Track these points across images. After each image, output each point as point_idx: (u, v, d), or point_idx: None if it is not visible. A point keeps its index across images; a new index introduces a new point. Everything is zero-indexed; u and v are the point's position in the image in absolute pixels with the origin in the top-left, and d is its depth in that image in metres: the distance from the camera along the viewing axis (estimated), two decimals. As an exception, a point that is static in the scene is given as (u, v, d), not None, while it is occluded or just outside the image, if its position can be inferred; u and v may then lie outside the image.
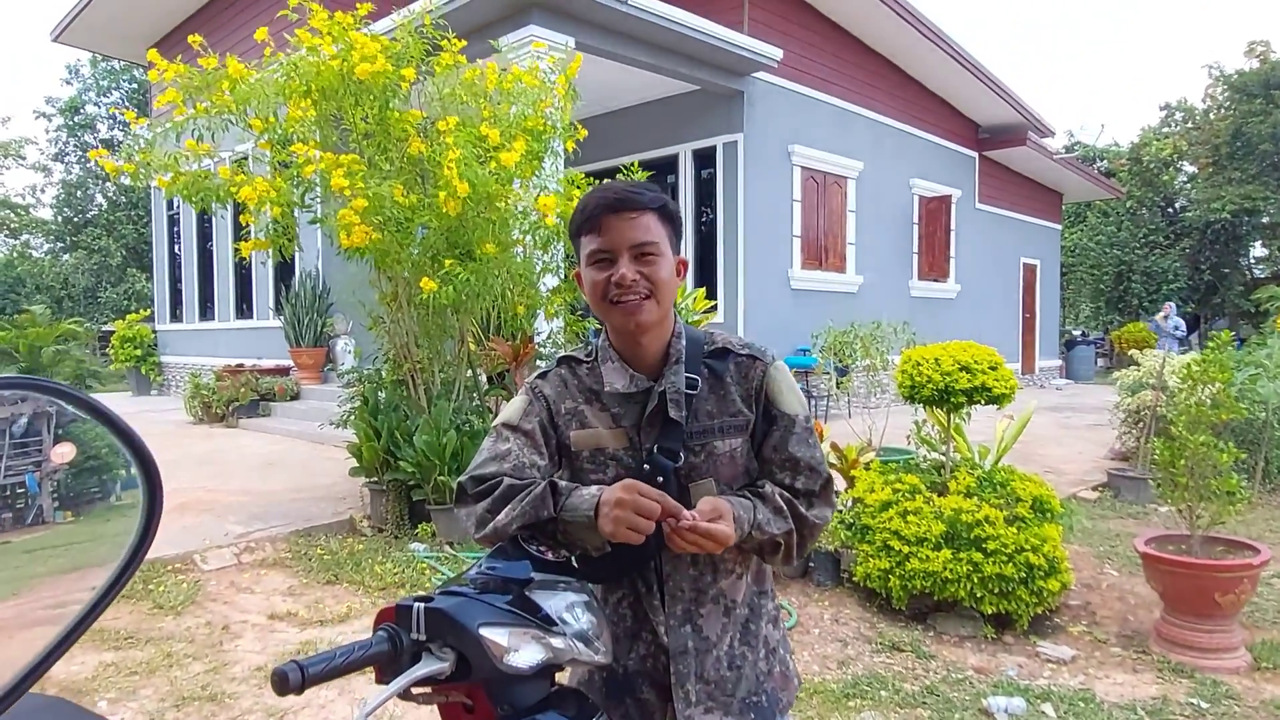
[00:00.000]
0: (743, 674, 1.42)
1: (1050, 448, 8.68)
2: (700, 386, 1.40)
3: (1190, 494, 3.88)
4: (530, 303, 6.08)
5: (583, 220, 1.37)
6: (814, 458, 1.40)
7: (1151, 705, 3.34)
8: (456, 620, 1.13)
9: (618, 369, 1.41)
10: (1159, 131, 25.27)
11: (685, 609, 1.40)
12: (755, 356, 1.43)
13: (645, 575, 1.40)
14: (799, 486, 1.39)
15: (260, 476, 7.23)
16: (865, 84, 12.29)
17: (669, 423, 1.38)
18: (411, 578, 4.77)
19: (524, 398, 1.45)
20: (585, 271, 1.38)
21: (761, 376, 1.41)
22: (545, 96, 5.81)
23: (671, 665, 1.38)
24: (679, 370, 1.40)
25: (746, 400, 1.41)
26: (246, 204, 5.52)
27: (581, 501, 1.28)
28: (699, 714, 1.38)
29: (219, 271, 13.42)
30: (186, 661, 3.78)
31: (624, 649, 1.41)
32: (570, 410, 1.43)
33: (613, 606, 1.42)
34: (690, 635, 1.39)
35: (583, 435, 1.41)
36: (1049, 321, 18.11)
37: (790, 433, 1.40)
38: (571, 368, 1.47)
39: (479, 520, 1.35)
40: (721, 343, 1.44)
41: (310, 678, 1.05)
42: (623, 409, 1.41)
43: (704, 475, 1.38)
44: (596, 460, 1.41)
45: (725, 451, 1.39)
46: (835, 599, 4.52)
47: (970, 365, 4.26)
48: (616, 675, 1.42)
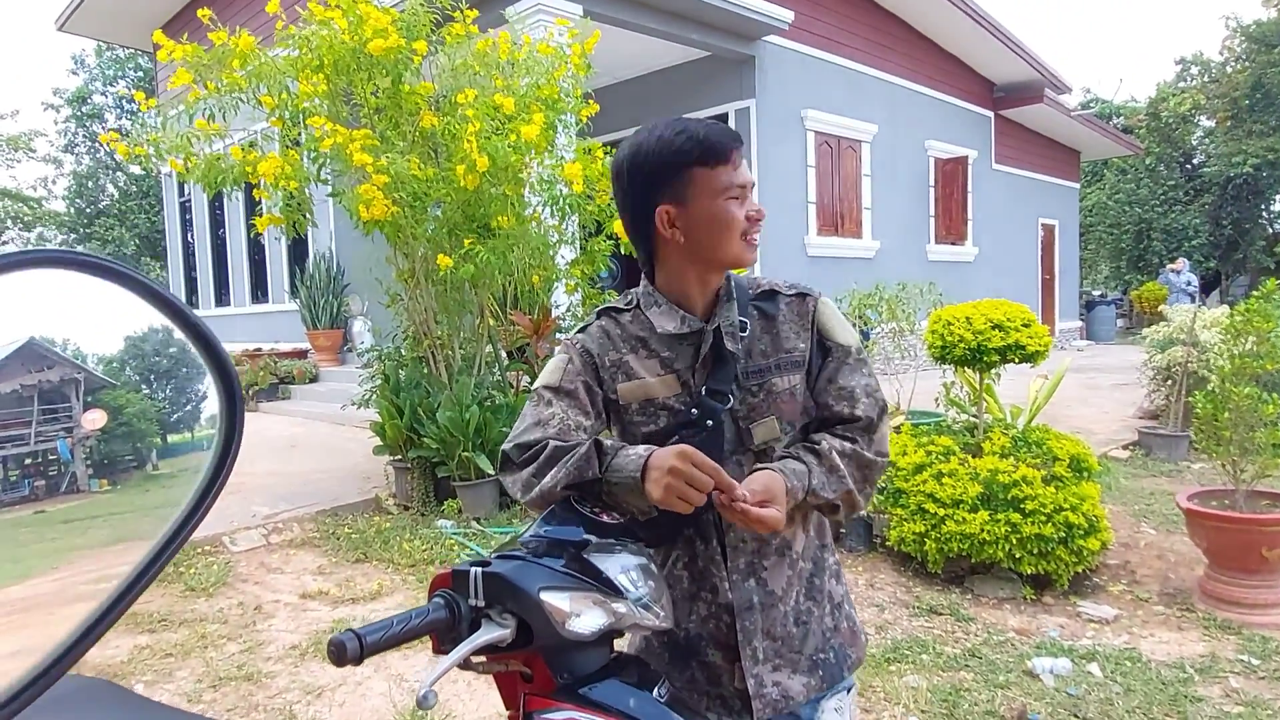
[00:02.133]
0: (809, 630, 1.38)
1: (1078, 408, 8.58)
2: (751, 326, 1.36)
3: (1234, 448, 3.78)
4: (547, 274, 6.00)
5: (712, 151, 1.27)
6: (869, 385, 1.38)
7: (1200, 663, 3.28)
8: (516, 584, 1.08)
9: (667, 311, 1.36)
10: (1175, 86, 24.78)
11: (749, 562, 1.35)
12: (804, 293, 1.42)
13: (703, 530, 1.34)
14: (858, 413, 1.35)
15: (284, 458, 7.24)
16: (878, 44, 12.06)
17: (720, 363, 1.33)
18: (440, 554, 4.75)
19: (562, 356, 1.39)
20: (720, 205, 1.29)
21: (813, 311, 1.40)
22: (559, 67, 5.70)
23: (737, 622, 1.33)
24: (731, 306, 1.36)
25: (801, 335, 1.38)
26: (264, 180, 5.46)
27: (627, 462, 1.22)
28: (767, 672, 1.34)
29: (233, 257, 13.41)
30: (221, 642, 3.78)
31: (683, 611, 1.35)
32: (615, 362, 1.37)
33: (669, 568, 1.36)
34: (755, 589, 1.35)
35: (630, 387, 1.36)
36: (1068, 282, 17.89)
37: (844, 363, 1.38)
38: (613, 317, 1.41)
39: (524, 485, 1.31)
40: (768, 285, 1.42)
41: (369, 646, 0.99)
42: (674, 352, 1.36)
43: (765, 415, 1.34)
44: (647, 411, 1.35)
45: (785, 389, 1.36)
46: (869, 564, 4.47)
47: (1003, 323, 4.16)
48: (678, 640, 1.36)
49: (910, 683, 3.17)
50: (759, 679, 1.33)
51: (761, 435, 1.34)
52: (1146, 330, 7.73)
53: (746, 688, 1.32)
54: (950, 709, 2.97)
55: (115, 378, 1.10)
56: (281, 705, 3.21)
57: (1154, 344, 7.17)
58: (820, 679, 1.37)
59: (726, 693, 1.34)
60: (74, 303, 0.84)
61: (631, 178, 1.31)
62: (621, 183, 1.34)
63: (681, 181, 1.28)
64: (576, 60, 5.73)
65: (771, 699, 1.33)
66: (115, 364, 1.10)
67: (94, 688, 1.30)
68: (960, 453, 4.25)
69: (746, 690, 1.32)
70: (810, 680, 1.36)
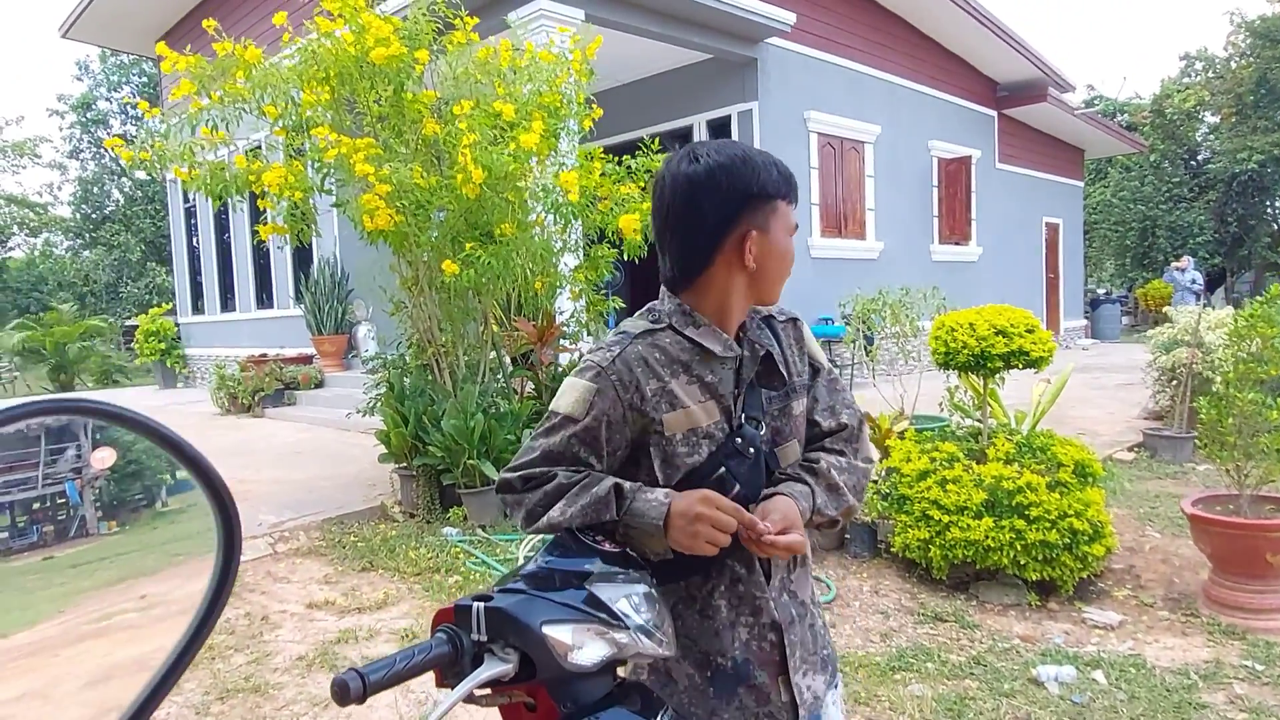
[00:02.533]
0: (817, 630, 1.44)
1: (1082, 409, 8.57)
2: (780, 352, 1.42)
3: (1238, 452, 3.78)
4: (550, 280, 6.02)
5: (788, 186, 1.34)
6: (848, 399, 1.48)
7: (1205, 669, 3.28)
8: (518, 619, 1.09)
9: (709, 332, 1.35)
10: (1180, 82, 24.69)
11: (781, 579, 1.39)
12: (794, 318, 1.49)
13: (743, 557, 1.34)
14: (845, 421, 1.44)
15: (290, 465, 7.26)
16: (880, 45, 12.05)
17: (750, 391, 1.36)
18: (446, 562, 4.77)
19: (589, 385, 1.31)
20: (779, 238, 1.34)
21: (802, 335, 1.47)
22: (560, 73, 5.71)
23: (785, 637, 1.36)
24: (765, 332, 1.41)
25: (801, 360, 1.45)
26: (268, 190, 5.48)
27: (649, 508, 1.23)
28: (803, 680, 1.38)
29: (238, 262, 13.45)
30: (228, 653, 3.80)
31: (726, 641, 1.35)
32: (657, 391, 1.30)
33: (703, 601, 1.36)
34: (790, 603, 1.39)
35: (676, 417, 1.31)
36: (1073, 281, 17.85)
37: (827, 382, 1.47)
38: (651, 342, 1.34)
39: (529, 514, 1.31)
40: (764, 311, 1.45)
41: (372, 685, 1.00)
42: (717, 376, 1.34)
43: (788, 439, 1.38)
44: (690, 442, 1.32)
45: (799, 413, 1.41)
46: (873, 571, 4.48)
47: (1006, 329, 4.16)
48: (724, 670, 1.36)
49: (915, 691, 3.18)
50: (798, 686, 1.37)
51: (786, 459, 1.38)
52: (1151, 331, 7.71)
53: (794, 698, 1.36)
54: (956, 718, 2.98)
55: (125, 416, 1.11)
56: (289, 717, 3.23)
57: (1158, 345, 7.15)
58: (829, 675, 1.44)
59: (775, 708, 1.36)
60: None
61: (727, 190, 1.29)
62: (707, 190, 1.29)
63: (770, 210, 1.32)
64: (578, 66, 5.74)
65: (809, 702, 1.38)
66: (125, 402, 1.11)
67: None
68: (964, 459, 4.25)
69: (793, 700, 1.36)
70: (824, 677, 1.42)
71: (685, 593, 1.35)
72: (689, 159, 1.31)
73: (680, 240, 1.33)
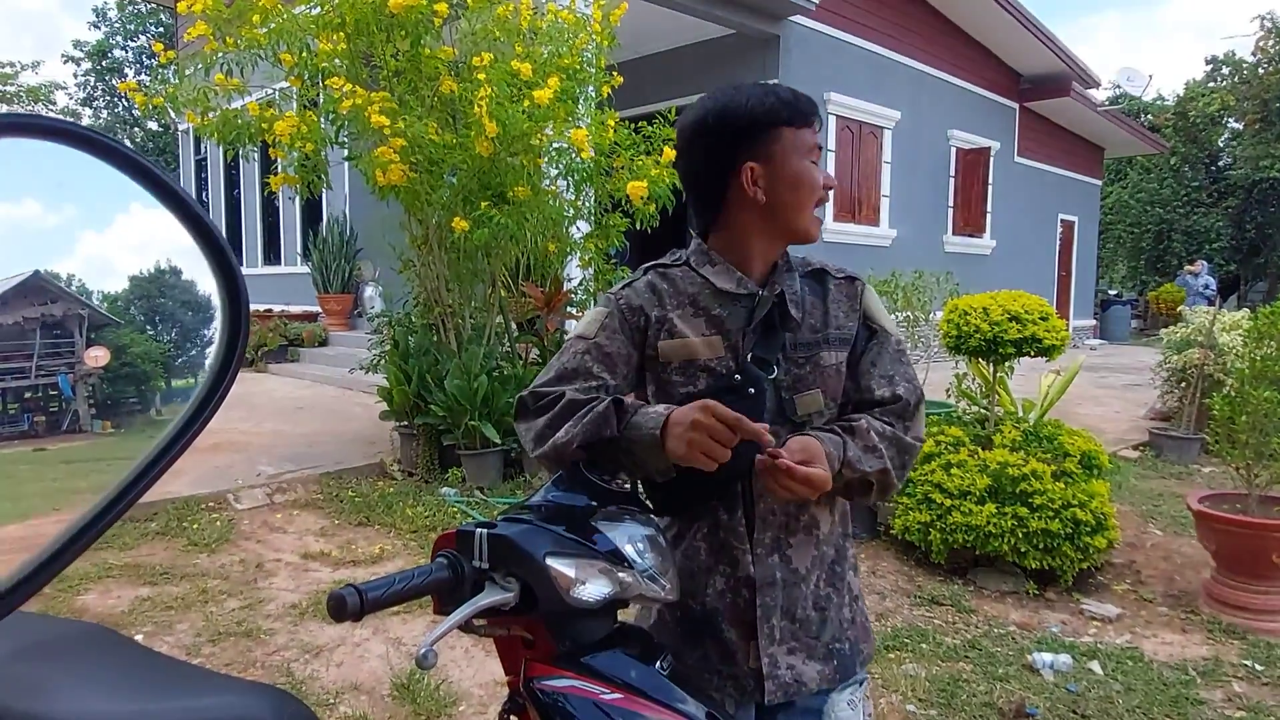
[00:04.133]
0: (828, 616, 1.35)
1: (1088, 406, 8.53)
2: (806, 299, 1.37)
3: (1249, 451, 3.73)
4: (561, 246, 5.96)
5: (800, 112, 1.31)
6: (909, 373, 1.38)
7: (1203, 666, 3.25)
8: (522, 548, 1.06)
9: (724, 270, 1.34)
10: (1205, 86, 24.39)
11: (775, 537, 1.32)
12: (853, 277, 1.42)
13: (728, 501, 1.31)
14: (899, 393, 1.34)
15: (290, 419, 7.25)
16: (904, 29, 11.87)
17: (770, 332, 1.31)
18: (442, 521, 4.75)
19: (603, 309, 1.36)
20: (803, 165, 1.31)
21: (861, 293, 1.40)
22: (581, 35, 5.62)
23: (758, 597, 1.30)
24: (792, 276, 1.37)
25: (849, 315, 1.38)
26: (279, 140, 5.42)
27: (647, 420, 1.21)
28: (782, 653, 1.31)
29: (247, 217, 13.39)
30: (222, 598, 3.79)
31: (700, 585, 1.32)
32: (659, 319, 1.33)
33: (688, 541, 1.33)
34: (779, 565, 1.31)
35: (672, 345, 1.32)
36: (1085, 280, 17.72)
37: (886, 349, 1.38)
38: (661, 273, 1.38)
39: (537, 436, 1.29)
40: (817, 264, 1.43)
41: (370, 603, 0.97)
42: (727, 310, 1.32)
43: (810, 387, 1.32)
44: (686, 372, 1.32)
45: (832, 364, 1.34)
46: (872, 552, 4.45)
47: (1020, 315, 4.10)
48: (693, 614, 1.33)
49: (909, 671, 3.16)
50: (773, 659, 1.30)
51: (805, 407, 1.31)
52: (1164, 330, 7.64)
53: (760, 667, 1.29)
54: (948, 699, 2.96)
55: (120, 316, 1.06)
56: (279, 663, 3.22)
57: (1170, 345, 7.09)
58: (834, 669, 1.34)
59: (740, 672, 1.31)
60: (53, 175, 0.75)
61: (717, 131, 1.29)
62: (699, 136, 1.32)
63: (769, 139, 1.29)
64: (599, 29, 5.65)
65: (784, 681, 1.30)
66: (120, 302, 1.07)
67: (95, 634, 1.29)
68: (970, 444, 4.21)
69: (760, 670, 1.29)
70: (824, 669, 1.33)
71: (674, 530, 1.34)
72: (690, 110, 1.35)
73: (693, 189, 1.37)
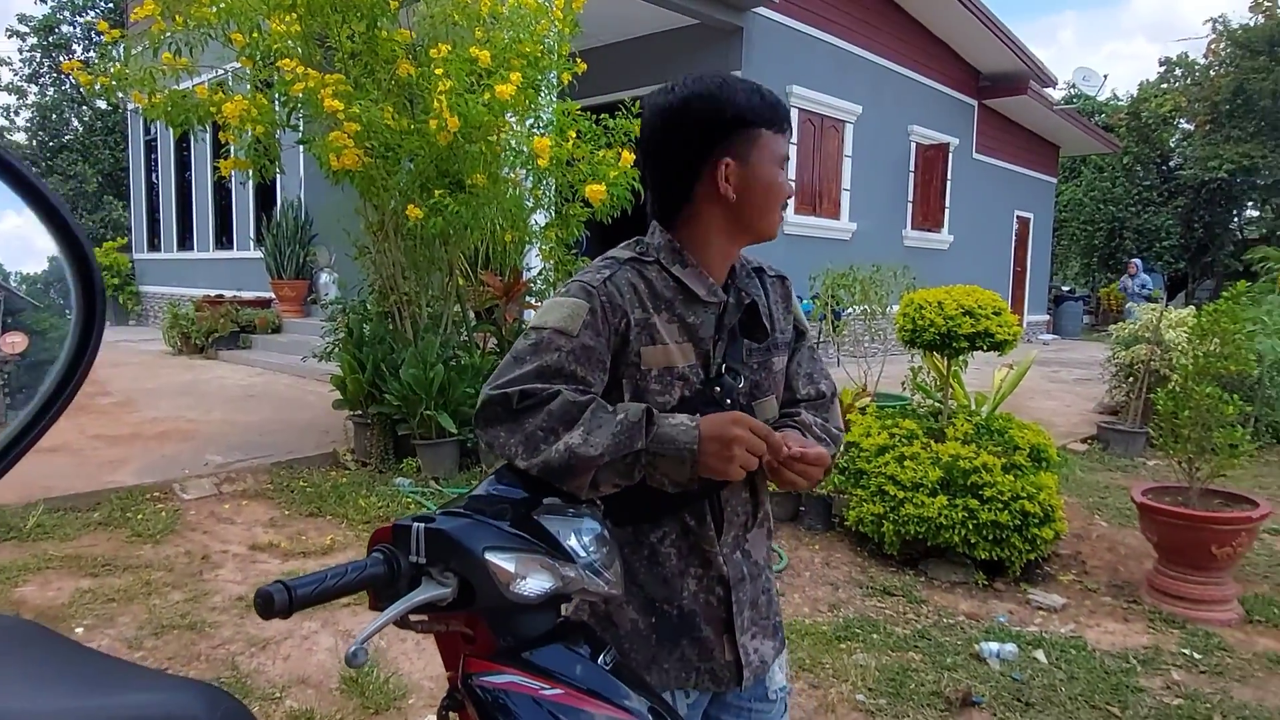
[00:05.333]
0: (771, 595, 1.41)
1: (1040, 400, 8.68)
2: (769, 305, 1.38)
3: (1191, 445, 3.82)
4: (520, 236, 5.89)
5: (779, 117, 1.27)
6: (825, 370, 1.47)
7: (1144, 654, 3.33)
8: (460, 543, 1.03)
9: (696, 274, 1.30)
10: (1158, 87, 24.94)
11: (736, 535, 1.34)
12: (783, 276, 1.46)
13: (695, 505, 1.30)
14: (823, 390, 1.43)
15: (241, 408, 7.10)
16: (867, 24, 11.94)
17: (734, 339, 1.31)
18: (396, 511, 4.69)
19: (581, 303, 1.22)
20: (770, 169, 1.27)
21: (789, 294, 1.44)
22: (542, 20, 5.55)
23: (732, 594, 1.33)
24: (754, 282, 1.36)
25: (786, 318, 1.41)
26: (229, 122, 5.28)
27: (678, 433, 1.13)
28: (749, 640, 1.35)
29: (198, 200, 13.08)
30: (165, 590, 3.70)
31: (674, 589, 1.32)
32: (640, 322, 1.24)
33: (651, 548, 1.31)
34: (743, 561, 1.35)
35: (655, 351, 1.25)
36: (1039, 276, 18.04)
37: (810, 348, 1.46)
38: (638, 270, 1.28)
39: (528, 439, 1.14)
40: (755, 262, 1.42)
41: (299, 599, 0.94)
42: (700, 319, 1.29)
43: (766, 394, 1.33)
44: (664, 380, 1.26)
45: (780, 369, 1.37)
46: (826, 543, 4.49)
47: (974, 310, 4.16)
48: (670, 618, 1.32)
49: (859, 661, 3.19)
50: (745, 648, 1.34)
51: (764, 413, 1.33)
52: (1113, 326, 7.81)
53: (738, 657, 1.33)
54: (897, 688, 2.99)
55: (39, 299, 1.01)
56: (224, 656, 3.15)
57: (1119, 341, 7.25)
58: (779, 641, 1.42)
59: (717, 665, 1.34)
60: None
61: (699, 119, 1.24)
62: (678, 120, 1.25)
63: (749, 139, 1.25)
64: (560, 16, 5.58)
65: (755, 665, 1.36)
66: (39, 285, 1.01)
67: (17, 628, 1.23)
68: (923, 437, 4.26)
69: (738, 660, 1.33)
70: (774, 643, 1.40)
71: (634, 538, 1.30)
72: (666, 90, 1.28)
73: (659, 173, 1.31)
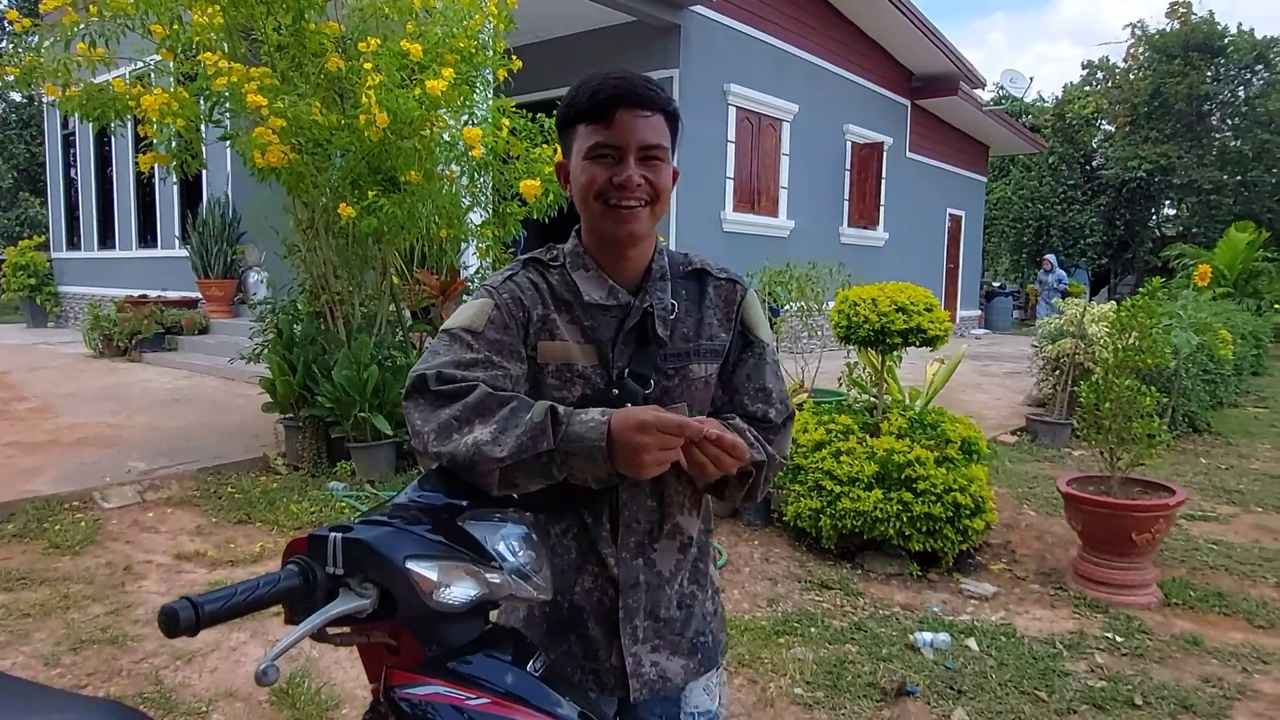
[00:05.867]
0: (693, 613, 1.36)
1: (971, 394, 8.90)
2: (678, 308, 1.31)
3: (1111, 436, 3.96)
4: (456, 234, 5.80)
5: (589, 107, 1.20)
6: (783, 391, 1.37)
7: (1069, 639, 3.43)
8: (380, 552, 1.00)
9: (595, 278, 1.28)
10: (1081, 89, 25.82)
11: (639, 542, 1.31)
12: (735, 280, 1.38)
13: (594, 505, 1.28)
14: (771, 417, 1.33)
15: (166, 412, 6.86)
16: (803, 24, 12.10)
17: (644, 344, 1.27)
18: (329, 517, 4.58)
19: (486, 301, 1.24)
20: (581, 165, 1.22)
21: (740, 300, 1.36)
22: (476, 15, 5.47)
23: (620, 599, 1.29)
24: (664, 287, 1.30)
25: (724, 324, 1.34)
26: (148, 116, 5.08)
27: (587, 430, 1.09)
28: (645, 651, 1.31)
29: (120, 197, 12.60)
30: (85, 603, 3.55)
31: (569, 582, 1.30)
32: (541, 318, 1.26)
33: (556, 538, 1.31)
34: (642, 569, 1.31)
35: (552, 347, 1.26)
36: (970, 272, 18.53)
37: (764, 361, 1.36)
38: (540, 271, 1.30)
39: (439, 430, 1.14)
40: (699, 264, 1.37)
41: (206, 617, 0.90)
42: (598, 322, 1.27)
43: (677, 400, 1.28)
44: (563, 376, 1.26)
45: (701, 376, 1.31)
46: (765, 539, 4.52)
47: (906, 306, 4.23)
48: (561, 611, 1.32)
49: (797, 655, 3.22)
50: (637, 658, 1.30)
51: None
52: (1040, 321, 8.04)
53: (624, 664, 1.30)
54: (834, 680, 3.03)
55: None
56: (147, 670, 3.03)
57: (1045, 335, 7.47)
58: (699, 662, 1.37)
59: (602, 668, 1.31)
60: None
61: (556, 123, 1.28)
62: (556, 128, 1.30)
63: (570, 136, 1.24)
64: (495, 11, 5.51)
65: (649, 679, 1.31)
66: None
67: None
68: (859, 432, 4.32)
69: (623, 667, 1.30)
70: (689, 663, 1.35)
71: (539, 527, 1.28)
72: None
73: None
